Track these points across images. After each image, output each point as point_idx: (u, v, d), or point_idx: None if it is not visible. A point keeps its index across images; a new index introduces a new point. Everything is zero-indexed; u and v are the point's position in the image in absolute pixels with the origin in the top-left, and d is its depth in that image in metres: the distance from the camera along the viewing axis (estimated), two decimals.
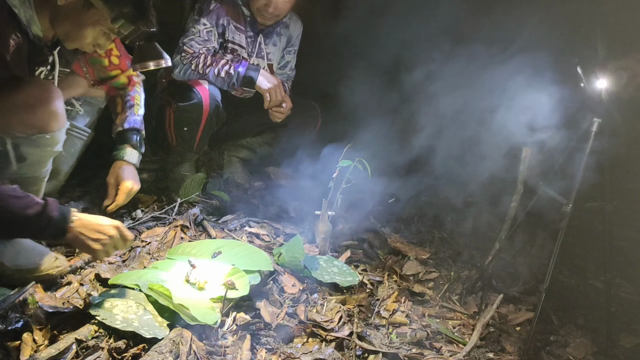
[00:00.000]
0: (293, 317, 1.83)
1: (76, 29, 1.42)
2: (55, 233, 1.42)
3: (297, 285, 2.02)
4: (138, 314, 1.57)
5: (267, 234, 2.38)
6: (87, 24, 1.42)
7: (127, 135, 1.90)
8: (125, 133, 1.90)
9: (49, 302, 1.62)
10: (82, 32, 1.43)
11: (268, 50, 2.63)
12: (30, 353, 1.41)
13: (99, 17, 1.41)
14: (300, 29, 2.75)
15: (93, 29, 1.43)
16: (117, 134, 1.92)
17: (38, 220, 1.36)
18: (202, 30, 2.41)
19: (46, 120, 1.49)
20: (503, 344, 1.92)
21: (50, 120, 1.50)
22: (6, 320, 1.51)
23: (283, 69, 2.77)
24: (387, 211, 2.80)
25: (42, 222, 1.37)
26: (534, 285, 2.29)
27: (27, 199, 1.35)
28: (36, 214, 1.35)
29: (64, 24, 1.42)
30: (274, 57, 2.68)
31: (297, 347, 1.71)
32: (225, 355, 1.55)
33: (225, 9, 2.47)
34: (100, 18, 1.41)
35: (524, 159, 2.26)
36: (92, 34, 1.45)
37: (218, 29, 2.47)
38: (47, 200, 1.39)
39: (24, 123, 1.38)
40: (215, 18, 2.44)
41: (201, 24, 2.41)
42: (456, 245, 2.62)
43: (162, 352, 1.43)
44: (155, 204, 2.45)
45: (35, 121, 1.46)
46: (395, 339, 1.84)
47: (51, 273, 1.72)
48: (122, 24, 1.43)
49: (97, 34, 1.46)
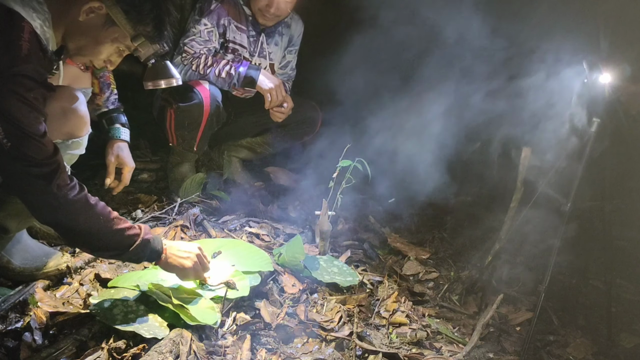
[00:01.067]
0: (293, 317, 1.83)
1: (93, 45, 1.42)
2: (151, 256, 1.52)
3: (297, 285, 2.02)
4: (138, 314, 1.57)
5: (267, 234, 2.38)
6: (106, 41, 1.42)
7: (114, 114, 1.90)
8: (111, 113, 1.90)
9: (49, 302, 1.62)
10: (99, 48, 1.43)
11: (270, 50, 2.63)
12: (30, 353, 1.41)
13: (118, 34, 1.41)
14: (301, 29, 2.74)
15: (111, 46, 1.44)
16: (101, 114, 1.90)
17: (141, 245, 1.46)
18: (202, 30, 2.41)
19: (77, 126, 1.56)
20: (503, 344, 1.92)
21: (80, 125, 1.57)
22: (6, 320, 1.51)
23: (284, 69, 2.76)
24: (387, 211, 2.80)
25: (143, 246, 1.47)
26: (534, 285, 2.29)
27: (127, 223, 1.45)
28: (138, 241, 1.45)
29: (80, 39, 1.41)
30: (275, 57, 2.68)
31: (297, 347, 1.71)
32: (225, 355, 1.55)
33: (226, 9, 2.46)
34: (120, 36, 1.42)
35: (524, 159, 2.26)
36: (107, 51, 1.46)
37: (219, 29, 2.46)
38: (140, 226, 1.49)
39: (60, 130, 1.42)
40: (217, 18, 2.44)
41: (202, 24, 2.41)
42: (456, 245, 2.62)
43: (162, 352, 1.43)
44: (155, 204, 2.45)
45: (67, 127, 1.53)
46: (395, 339, 1.84)
47: (60, 269, 1.76)
48: (141, 43, 1.43)
49: (113, 51, 1.46)
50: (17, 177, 1.26)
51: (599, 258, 2.35)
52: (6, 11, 1.21)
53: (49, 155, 1.28)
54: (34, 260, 1.72)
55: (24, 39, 1.21)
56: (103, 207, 1.40)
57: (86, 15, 1.36)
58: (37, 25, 1.27)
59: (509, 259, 2.50)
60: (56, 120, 1.37)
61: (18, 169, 1.24)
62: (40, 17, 1.29)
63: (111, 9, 1.35)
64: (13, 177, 1.27)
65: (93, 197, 1.40)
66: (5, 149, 1.20)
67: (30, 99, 1.22)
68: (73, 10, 1.35)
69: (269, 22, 2.52)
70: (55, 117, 1.38)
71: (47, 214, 1.31)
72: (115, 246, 1.42)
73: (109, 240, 1.40)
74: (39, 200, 1.29)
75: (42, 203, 1.29)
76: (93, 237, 1.37)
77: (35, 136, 1.24)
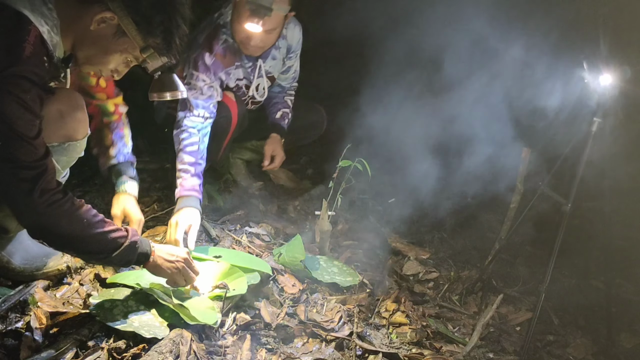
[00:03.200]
0: (293, 317, 1.84)
1: (102, 55, 1.42)
2: (139, 259, 1.50)
3: (297, 285, 2.02)
4: (138, 314, 1.57)
5: (267, 234, 2.38)
6: (115, 51, 1.42)
7: (124, 168, 1.88)
8: (121, 166, 1.88)
9: (49, 302, 1.62)
10: (107, 58, 1.44)
11: (267, 67, 2.53)
12: (30, 353, 1.41)
13: (128, 45, 1.41)
14: (299, 34, 2.62)
15: (119, 56, 1.44)
16: (110, 167, 1.88)
17: (128, 248, 1.44)
18: (202, 87, 2.28)
19: (74, 129, 1.55)
20: (503, 344, 1.93)
21: (78, 128, 1.56)
22: (6, 320, 1.51)
23: (286, 74, 2.70)
24: (387, 211, 2.80)
25: (130, 249, 1.45)
26: (534, 285, 2.29)
27: (113, 226, 1.43)
28: (126, 243, 1.43)
29: (90, 48, 1.41)
30: (274, 70, 2.59)
31: (297, 347, 1.71)
32: (225, 355, 1.55)
33: (220, 61, 2.33)
34: (129, 47, 1.42)
35: (524, 159, 2.26)
36: (116, 61, 1.46)
37: (217, 81, 2.35)
38: (127, 229, 1.47)
39: (56, 132, 1.41)
40: (213, 73, 2.32)
41: (200, 81, 2.28)
42: (456, 245, 2.62)
43: (162, 352, 1.43)
44: (155, 204, 2.45)
45: (65, 130, 1.51)
46: (395, 339, 1.84)
47: (60, 269, 1.75)
48: (149, 55, 1.44)
49: (121, 61, 1.47)
50: (2, 179, 1.25)
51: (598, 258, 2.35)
52: (14, 13, 1.22)
53: (38, 158, 1.26)
54: (33, 260, 1.72)
55: (28, 42, 1.21)
56: (87, 210, 1.37)
57: (97, 25, 1.36)
58: (45, 30, 1.28)
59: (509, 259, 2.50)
60: (53, 122, 1.36)
61: (5, 171, 1.23)
62: (49, 22, 1.29)
63: (123, 19, 1.36)
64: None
65: (79, 200, 1.38)
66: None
67: (26, 100, 1.21)
68: (84, 19, 1.35)
69: (254, 53, 2.39)
70: (53, 119, 1.37)
71: (30, 218, 1.30)
72: (100, 250, 1.40)
73: (93, 244, 1.38)
74: (21, 202, 1.28)
75: (25, 207, 1.28)
76: (78, 240, 1.36)
77: (27, 138, 1.23)
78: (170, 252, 1.61)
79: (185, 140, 2.16)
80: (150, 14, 1.37)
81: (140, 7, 1.35)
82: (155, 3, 1.37)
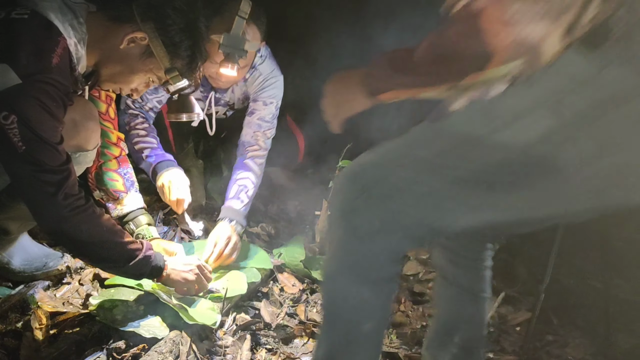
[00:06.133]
0: (293, 317, 1.84)
1: (127, 74, 1.44)
2: (152, 272, 1.50)
3: (297, 285, 2.02)
4: (138, 314, 1.57)
5: (267, 234, 2.38)
6: (140, 70, 1.44)
7: (140, 214, 1.84)
8: (137, 212, 1.84)
9: (49, 302, 1.62)
10: (132, 77, 1.46)
11: (226, 98, 2.36)
12: (30, 353, 1.41)
13: (153, 66, 1.44)
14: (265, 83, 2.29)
15: (144, 75, 1.46)
16: (123, 216, 1.83)
17: (142, 260, 1.44)
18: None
19: (86, 139, 1.56)
20: (503, 344, 1.93)
21: (90, 138, 1.57)
22: (6, 320, 1.51)
23: (250, 116, 2.30)
24: None
25: (145, 261, 1.45)
26: (533, 285, 2.30)
27: (129, 237, 1.44)
28: (140, 255, 1.43)
29: (116, 66, 1.43)
30: (233, 98, 2.40)
31: (297, 347, 1.71)
32: (225, 355, 1.55)
33: None
34: (155, 67, 1.44)
35: None
36: (138, 80, 1.48)
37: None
38: (142, 242, 1.48)
39: (68, 142, 1.41)
40: None
41: None
42: None
43: (162, 352, 1.43)
44: (155, 204, 2.44)
45: (76, 140, 1.52)
46: (395, 339, 1.84)
47: (60, 269, 1.76)
48: (173, 76, 1.46)
49: (143, 81, 1.49)
50: (25, 181, 1.26)
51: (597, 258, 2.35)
52: (47, 22, 1.25)
53: (62, 163, 1.28)
54: (34, 261, 1.72)
55: (57, 53, 1.24)
56: (107, 219, 1.40)
57: (127, 44, 1.38)
58: (72, 43, 1.30)
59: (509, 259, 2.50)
60: (66, 132, 1.37)
61: (28, 173, 1.24)
62: (77, 36, 1.32)
63: (153, 41, 1.39)
64: (22, 181, 1.27)
65: (99, 208, 1.40)
66: (19, 152, 1.20)
67: (51, 106, 1.23)
68: (114, 37, 1.38)
69: (222, 87, 2.27)
70: (66, 128, 1.38)
71: (52, 222, 1.30)
72: (117, 258, 1.41)
73: (111, 252, 1.40)
74: (45, 207, 1.28)
75: (48, 210, 1.29)
76: (95, 247, 1.37)
77: (52, 143, 1.25)
78: (183, 263, 1.61)
79: (133, 121, 2.13)
80: (179, 38, 1.41)
81: (170, 31, 1.39)
82: (184, 28, 1.41)
